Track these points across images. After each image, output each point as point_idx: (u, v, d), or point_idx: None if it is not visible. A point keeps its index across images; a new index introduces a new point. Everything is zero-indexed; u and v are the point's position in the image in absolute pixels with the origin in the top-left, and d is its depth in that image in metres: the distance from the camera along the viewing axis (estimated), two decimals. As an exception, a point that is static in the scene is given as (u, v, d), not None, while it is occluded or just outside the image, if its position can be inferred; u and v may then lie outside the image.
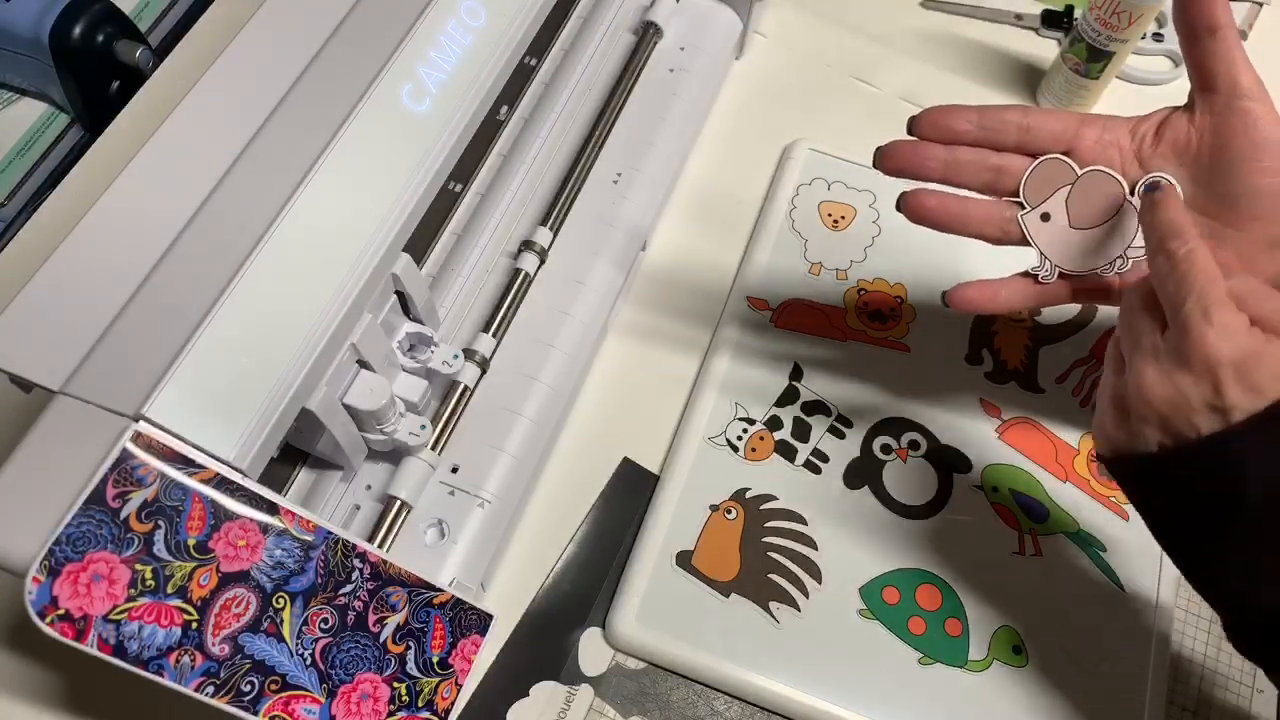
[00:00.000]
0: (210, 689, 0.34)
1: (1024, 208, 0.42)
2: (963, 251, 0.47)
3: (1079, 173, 0.42)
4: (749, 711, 0.49)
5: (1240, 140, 0.38)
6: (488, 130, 0.55)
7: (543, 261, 0.54)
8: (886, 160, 0.43)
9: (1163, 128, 0.41)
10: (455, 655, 0.41)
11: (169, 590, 0.34)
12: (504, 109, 0.57)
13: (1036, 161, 0.42)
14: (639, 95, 0.60)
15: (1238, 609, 0.36)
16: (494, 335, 0.51)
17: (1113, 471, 0.38)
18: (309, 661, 0.36)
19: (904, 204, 0.44)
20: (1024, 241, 0.43)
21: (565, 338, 0.53)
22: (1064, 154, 0.42)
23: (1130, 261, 0.42)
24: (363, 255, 0.39)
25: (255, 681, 0.35)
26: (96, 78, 0.63)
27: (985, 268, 0.49)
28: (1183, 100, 0.42)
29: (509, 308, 0.52)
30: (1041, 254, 0.42)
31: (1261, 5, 0.71)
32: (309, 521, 0.37)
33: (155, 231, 0.37)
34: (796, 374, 0.56)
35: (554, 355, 0.52)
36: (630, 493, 0.54)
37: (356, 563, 0.38)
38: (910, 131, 0.44)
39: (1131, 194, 0.41)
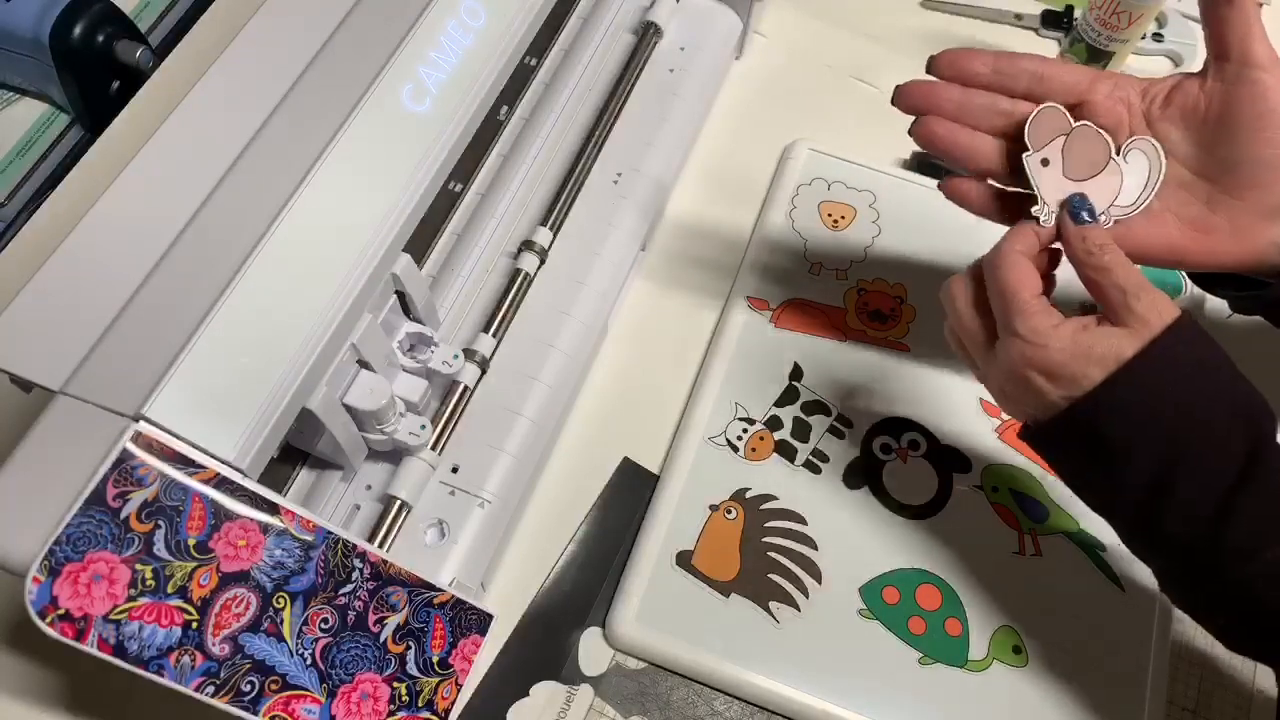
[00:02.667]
0: (210, 689, 0.34)
1: (1029, 152, 0.43)
2: (963, 252, 0.47)
3: (1073, 125, 0.42)
4: (749, 711, 0.49)
5: (1247, 109, 0.39)
6: (488, 130, 0.55)
7: (543, 261, 0.54)
8: (903, 98, 0.44)
9: (1174, 92, 0.42)
10: (455, 655, 0.41)
11: (169, 590, 0.34)
12: (504, 109, 0.57)
13: (1039, 108, 0.42)
14: (639, 95, 0.60)
15: (1148, 551, 0.40)
16: (494, 335, 0.51)
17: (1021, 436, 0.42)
18: (309, 661, 0.36)
19: (915, 130, 0.44)
20: (1025, 184, 0.43)
21: (565, 338, 0.53)
22: (1075, 105, 0.43)
23: (1113, 220, 0.42)
24: (363, 255, 0.39)
25: (255, 681, 0.35)
26: (96, 78, 0.63)
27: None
28: None
29: (509, 308, 0.52)
30: (1042, 198, 0.42)
31: (1262, 5, 0.71)
32: (309, 521, 0.37)
33: (155, 232, 0.37)
34: (796, 374, 0.56)
35: (554, 355, 0.52)
36: (630, 493, 0.54)
37: (356, 563, 0.38)
38: (929, 71, 0.44)
39: (1118, 153, 0.42)
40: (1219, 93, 0.40)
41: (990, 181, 0.44)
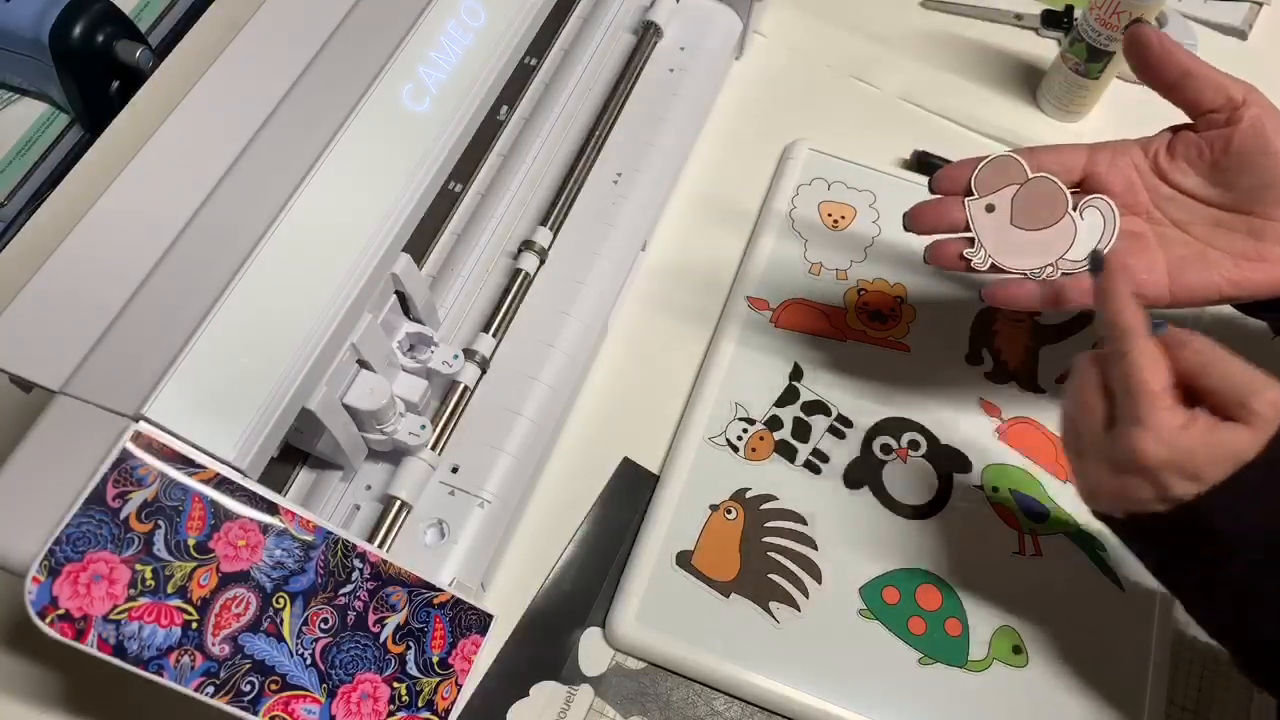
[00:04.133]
0: (210, 689, 0.34)
1: (973, 196, 0.43)
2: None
3: (1029, 175, 0.43)
4: (749, 711, 0.49)
5: (1251, 141, 0.41)
6: (488, 130, 0.55)
7: (543, 261, 0.54)
8: (915, 222, 0.45)
9: (1174, 143, 0.43)
10: (455, 655, 0.41)
11: (169, 590, 0.34)
12: (504, 109, 0.57)
13: (991, 156, 0.43)
14: (639, 95, 0.60)
15: (1236, 643, 0.39)
16: (494, 335, 0.51)
17: (1103, 521, 0.41)
18: (309, 661, 0.36)
19: (929, 254, 0.45)
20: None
21: (565, 338, 0.53)
22: (1079, 182, 0.43)
23: (1060, 272, 0.43)
24: (363, 255, 0.39)
25: (255, 681, 0.35)
26: (96, 78, 0.63)
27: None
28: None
29: (509, 308, 0.52)
30: (978, 240, 0.43)
31: (1261, 5, 0.71)
32: (309, 521, 0.37)
33: (155, 231, 0.37)
34: (796, 374, 0.56)
35: (554, 355, 0.52)
36: (630, 493, 0.54)
37: (356, 563, 0.38)
38: (931, 190, 0.45)
39: (1074, 209, 0.42)
40: (1219, 135, 0.41)
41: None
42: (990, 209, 0.43)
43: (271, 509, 0.36)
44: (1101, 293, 0.39)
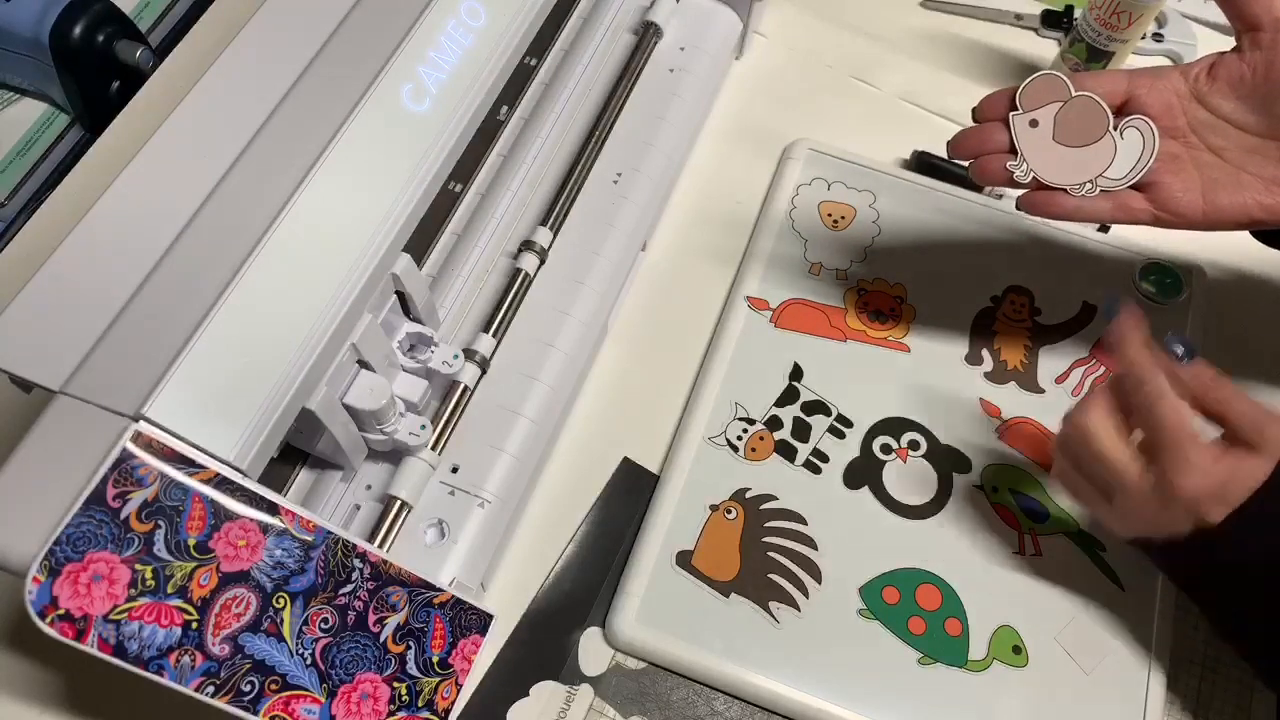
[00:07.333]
0: (210, 689, 0.34)
1: (1018, 111, 0.44)
2: (962, 251, 0.47)
3: (1073, 94, 0.44)
4: (749, 711, 0.49)
5: None
6: (488, 130, 0.55)
7: (543, 261, 0.54)
8: (958, 149, 0.46)
9: (1215, 68, 0.43)
10: (455, 655, 0.41)
11: (169, 590, 0.34)
12: (504, 109, 0.57)
13: (1038, 74, 0.44)
14: (639, 95, 0.60)
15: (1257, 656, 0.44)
16: (494, 335, 0.51)
17: (1138, 547, 0.46)
18: (309, 661, 0.36)
19: (973, 170, 0.46)
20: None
21: (565, 338, 0.53)
22: (1119, 107, 0.44)
23: (1099, 189, 0.44)
24: (363, 255, 0.39)
25: (255, 681, 0.35)
26: (96, 78, 0.63)
27: (983, 268, 0.49)
28: None
29: (509, 308, 0.52)
30: (1021, 154, 0.44)
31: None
32: (309, 521, 0.37)
33: (155, 231, 0.37)
34: (796, 374, 0.56)
35: (554, 355, 0.52)
36: (630, 493, 0.54)
37: (356, 563, 0.38)
38: (975, 118, 0.46)
39: (1115, 129, 0.43)
40: (1260, 60, 0.42)
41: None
42: (1034, 124, 0.44)
43: (271, 509, 0.36)
44: (1119, 339, 0.42)
